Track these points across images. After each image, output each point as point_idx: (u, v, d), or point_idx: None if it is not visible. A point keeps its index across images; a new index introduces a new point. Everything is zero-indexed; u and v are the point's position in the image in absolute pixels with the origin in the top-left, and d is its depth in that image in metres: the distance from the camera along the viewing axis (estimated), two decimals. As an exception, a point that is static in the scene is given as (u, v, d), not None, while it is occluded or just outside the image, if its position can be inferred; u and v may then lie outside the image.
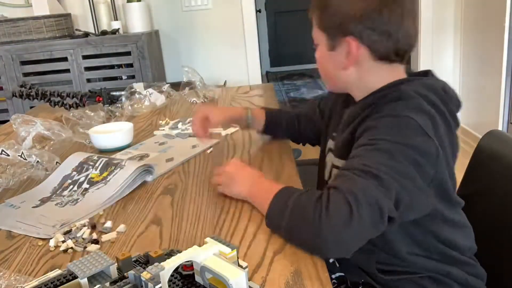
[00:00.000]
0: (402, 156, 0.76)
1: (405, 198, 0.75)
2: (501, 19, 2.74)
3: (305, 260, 0.71)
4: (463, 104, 0.91)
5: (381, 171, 0.74)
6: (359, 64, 0.89)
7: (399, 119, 0.80)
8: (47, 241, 0.83)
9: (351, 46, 0.87)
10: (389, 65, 0.90)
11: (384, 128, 0.81)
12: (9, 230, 0.89)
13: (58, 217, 0.92)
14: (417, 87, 0.86)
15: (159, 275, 0.56)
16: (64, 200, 1.00)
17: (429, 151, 0.78)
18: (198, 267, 0.60)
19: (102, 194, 0.99)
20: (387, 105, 0.84)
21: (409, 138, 0.78)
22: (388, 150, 0.77)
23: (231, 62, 3.39)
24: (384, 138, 0.78)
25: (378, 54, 0.88)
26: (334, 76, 0.95)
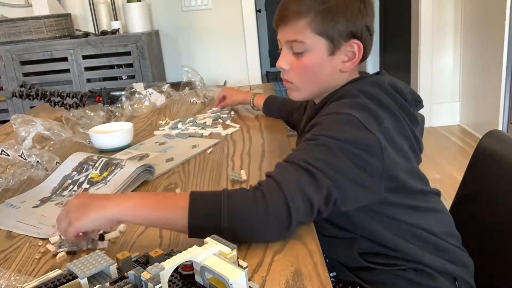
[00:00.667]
0: (341, 151, 0.78)
1: (336, 193, 0.77)
2: (501, 19, 2.74)
3: (305, 260, 0.71)
4: (463, 104, 0.92)
5: (316, 167, 0.76)
6: None
7: (340, 116, 0.83)
8: (47, 241, 0.83)
9: (355, 48, 0.89)
10: (359, 66, 0.95)
11: (326, 124, 0.83)
12: (9, 230, 0.89)
13: None
14: (362, 85, 0.89)
15: (159, 275, 0.56)
16: (64, 200, 1.00)
17: (370, 145, 0.80)
18: (198, 267, 0.60)
19: None
20: (332, 104, 0.88)
21: (348, 133, 0.80)
22: (327, 145, 0.79)
23: (231, 62, 3.39)
24: (325, 134, 0.81)
25: (365, 54, 0.92)
26: (324, 81, 0.94)
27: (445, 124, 3.53)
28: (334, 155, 0.78)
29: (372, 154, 0.80)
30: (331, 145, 0.79)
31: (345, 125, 0.81)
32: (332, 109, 0.86)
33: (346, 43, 0.90)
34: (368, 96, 0.86)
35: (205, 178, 1.07)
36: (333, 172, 0.77)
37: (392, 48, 4.33)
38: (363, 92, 0.87)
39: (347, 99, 0.87)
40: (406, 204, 0.91)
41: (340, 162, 0.78)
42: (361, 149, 0.79)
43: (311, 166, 0.77)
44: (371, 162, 0.80)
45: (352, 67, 0.92)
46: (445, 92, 3.52)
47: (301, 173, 0.76)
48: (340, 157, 0.78)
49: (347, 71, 0.92)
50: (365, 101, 0.85)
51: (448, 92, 3.51)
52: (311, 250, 0.74)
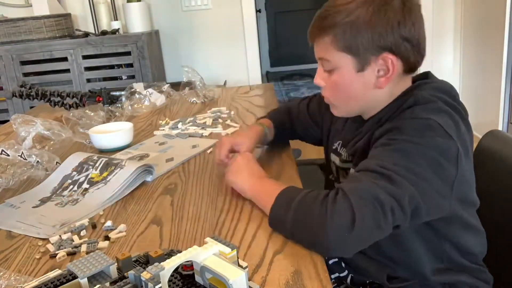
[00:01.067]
0: (421, 157, 0.75)
1: (419, 200, 0.74)
2: (501, 19, 2.74)
3: (305, 260, 0.71)
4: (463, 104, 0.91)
5: (395, 172, 0.73)
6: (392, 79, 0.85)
7: (419, 121, 0.78)
8: (47, 241, 0.83)
9: (388, 63, 0.83)
10: (409, 76, 0.88)
11: (403, 129, 0.79)
12: (9, 230, 0.89)
13: (58, 217, 0.92)
14: (430, 91, 0.84)
15: (159, 275, 0.56)
16: (64, 200, 1.00)
17: (450, 151, 0.77)
18: (198, 267, 0.60)
19: (102, 194, 0.99)
20: (405, 111, 0.82)
21: (429, 138, 0.76)
22: (406, 150, 0.75)
23: (231, 62, 3.39)
24: (403, 138, 0.77)
25: (408, 66, 0.85)
26: (360, 98, 0.88)
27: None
28: (413, 160, 0.74)
29: (449, 160, 0.77)
30: (410, 149, 0.75)
31: (425, 130, 0.77)
32: (408, 115, 0.81)
33: (376, 57, 0.83)
34: (443, 101, 0.82)
35: (205, 178, 1.07)
36: (414, 177, 0.73)
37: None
38: (438, 97, 0.82)
39: (423, 105, 0.81)
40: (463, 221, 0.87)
41: (420, 167, 0.74)
42: (440, 154, 0.75)
43: (388, 170, 0.73)
44: (447, 168, 0.77)
45: (387, 82, 0.84)
46: (445, 92, 3.51)
47: (376, 178, 0.73)
48: (420, 162, 0.74)
49: (383, 87, 0.85)
50: (443, 106, 0.81)
51: (448, 92, 3.51)
52: (311, 250, 0.74)
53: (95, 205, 0.96)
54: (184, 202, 0.95)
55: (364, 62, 0.83)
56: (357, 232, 0.70)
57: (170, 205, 0.95)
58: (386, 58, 0.83)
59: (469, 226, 0.90)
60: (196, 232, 0.83)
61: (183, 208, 0.93)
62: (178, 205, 0.95)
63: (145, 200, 0.98)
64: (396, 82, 0.87)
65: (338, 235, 0.70)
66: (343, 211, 0.70)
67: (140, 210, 0.94)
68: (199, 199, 0.96)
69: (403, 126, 0.79)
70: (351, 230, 0.69)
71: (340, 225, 0.70)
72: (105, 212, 0.94)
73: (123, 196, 1.00)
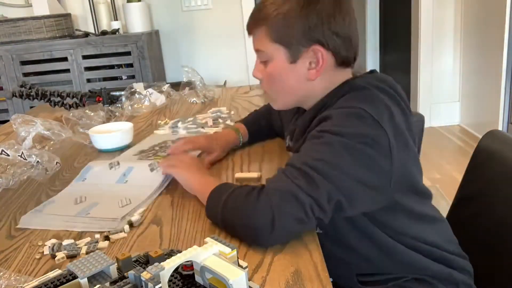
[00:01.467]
0: (345, 149, 0.76)
1: (339, 195, 0.75)
2: (501, 19, 2.74)
3: (305, 260, 0.71)
4: (463, 104, 0.91)
5: (316, 169, 0.74)
6: (323, 72, 0.87)
7: (349, 110, 0.79)
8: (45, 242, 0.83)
9: (318, 55, 0.85)
10: (344, 70, 0.90)
11: (333, 119, 0.80)
12: (45, 229, 0.88)
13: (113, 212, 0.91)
14: (368, 79, 0.86)
15: (159, 275, 0.56)
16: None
17: (380, 142, 0.77)
18: (198, 267, 0.60)
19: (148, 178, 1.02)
20: (339, 99, 0.84)
21: (355, 128, 0.77)
22: (332, 144, 0.76)
23: (231, 62, 3.39)
24: (330, 130, 0.78)
25: (339, 60, 0.87)
26: (294, 90, 0.90)
27: (445, 124, 3.53)
28: (339, 154, 0.75)
29: (379, 151, 0.76)
30: (335, 143, 0.76)
31: (353, 119, 0.77)
32: (342, 103, 0.82)
33: (307, 49, 0.85)
34: (379, 89, 0.83)
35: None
36: (335, 173, 0.74)
37: (392, 48, 4.33)
38: (374, 86, 0.83)
39: (356, 92, 0.83)
40: (410, 211, 0.88)
41: (343, 161, 0.75)
42: (367, 145, 0.76)
43: (310, 168, 0.74)
44: (378, 159, 0.77)
45: (318, 74, 0.87)
46: (445, 92, 3.52)
47: (298, 177, 0.75)
48: (343, 156, 0.75)
49: (313, 79, 0.87)
50: (376, 93, 0.82)
51: (448, 92, 3.51)
52: (311, 250, 0.74)
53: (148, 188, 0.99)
54: (184, 202, 0.95)
55: (296, 54, 0.86)
56: (277, 231, 0.73)
57: (170, 205, 0.95)
58: (316, 50, 0.84)
59: (420, 216, 0.90)
60: (196, 232, 0.83)
61: (183, 208, 0.93)
62: (178, 205, 0.94)
63: (145, 200, 0.98)
64: (331, 75, 0.88)
65: (260, 234, 0.73)
66: (264, 211, 0.73)
67: (140, 210, 0.94)
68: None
69: (333, 116, 0.80)
70: (272, 229, 0.72)
71: (261, 225, 0.73)
72: (105, 212, 0.94)
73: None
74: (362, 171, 0.76)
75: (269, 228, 0.72)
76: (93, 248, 0.79)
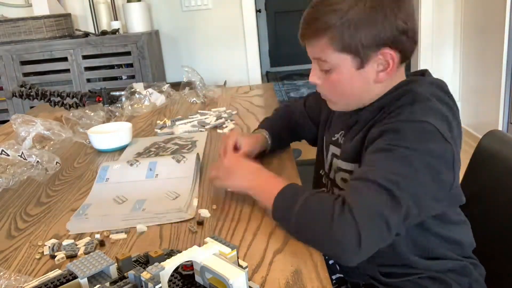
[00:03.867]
0: (420, 163, 0.75)
1: (415, 210, 0.75)
2: (501, 19, 2.74)
3: (305, 260, 0.71)
4: (463, 104, 0.92)
5: (397, 184, 0.73)
6: None
7: (418, 124, 0.78)
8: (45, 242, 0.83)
9: (387, 57, 0.83)
10: (402, 66, 0.89)
11: (401, 133, 0.78)
12: (75, 232, 0.89)
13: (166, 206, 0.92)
14: (428, 87, 0.85)
15: (159, 275, 0.56)
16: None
17: (446, 156, 0.78)
18: (198, 267, 0.60)
19: None
20: (403, 108, 0.82)
21: (427, 145, 0.76)
22: (406, 158, 0.75)
23: (231, 62, 3.39)
24: (402, 144, 0.76)
25: (405, 56, 0.85)
26: (361, 93, 0.88)
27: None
28: (413, 169, 0.75)
29: (446, 165, 0.78)
30: (409, 157, 0.75)
31: (423, 135, 0.77)
32: (407, 115, 0.80)
33: (376, 53, 0.82)
34: (440, 100, 0.82)
35: (204, 177, 1.07)
36: (413, 187, 0.74)
37: (392, 48, 4.32)
38: (435, 96, 0.82)
39: (421, 103, 0.81)
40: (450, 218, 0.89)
41: (419, 175, 0.75)
42: (437, 160, 0.76)
43: (391, 183, 0.73)
44: (444, 173, 0.77)
45: (387, 77, 0.85)
46: (445, 92, 3.51)
47: (380, 193, 0.72)
48: (418, 170, 0.75)
49: (383, 81, 0.85)
50: (438, 106, 0.81)
51: (448, 92, 3.51)
52: (311, 250, 0.74)
53: None
54: (184, 202, 0.95)
55: (364, 59, 0.83)
56: (364, 249, 0.71)
57: (170, 205, 0.95)
58: (385, 53, 0.82)
59: (456, 221, 0.92)
60: (196, 232, 0.83)
61: (183, 208, 0.93)
62: (178, 205, 0.94)
63: (145, 200, 0.98)
64: (393, 74, 0.87)
65: (347, 250, 0.71)
66: (350, 229, 0.70)
67: (140, 210, 0.94)
68: (199, 198, 0.96)
69: (401, 129, 0.78)
70: (359, 248, 0.70)
71: (348, 241, 0.70)
72: (105, 212, 0.94)
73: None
74: (434, 186, 0.77)
75: (356, 247, 0.70)
76: (91, 249, 0.79)
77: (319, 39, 0.83)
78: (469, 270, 0.92)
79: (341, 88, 0.88)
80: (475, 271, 0.94)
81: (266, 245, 0.76)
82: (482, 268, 0.96)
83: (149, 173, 1.06)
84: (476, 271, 0.94)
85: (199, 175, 1.08)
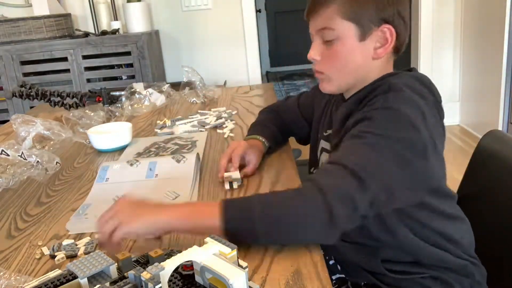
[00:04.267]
0: (389, 151, 0.77)
1: (383, 195, 0.76)
2: (501, 19, 2.74)
3: (305, 260, 0.71)
4: (463, 104, 0.92)
5: (366, 170, 0.75)
6: (386, 54, 0.90)
7: (389, 112, 0.81)
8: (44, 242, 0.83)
9: (387, 34, 0.88)
10: (392, 59, 0.93)
11: (374, 121, 0.81)
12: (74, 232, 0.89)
13: None
14: (405, 79, 0.88)
15: (159, 275, 0.56)
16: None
17: (418, 146, 0.79)
18: (198, 267, 0.60)
19: None
20: (377, 98, 0.85)
21: (398, 133, 0.79)
22: (375, 145, 0.78)
23: (231, 62, 3.39)
24: (374, 131, 0.79)
25: (398, 44, 0.91)
26: (357, 68, 0.91)
27: (445, 124, 3.52)
28: (382, 155, 0.77)
29: (418, 155, 0.79)
30: (379, 144, 0.78)
31: (395, 123, 0.80)
32: (381, 103, 0.83)
33: (377, 28, 0.87)
34: (415, 91, 0.85)
35: (205, 177, 1.07)
36: (380, 173, 0.76)
37: (392, 48, 4.32)
38: (410, 87, 0.85)
39: (395, 92, 0.84)
40: (434, 208, 0.90)
41: (388, 162, 0.77)
42: (407, 148, 0.78)
43: (359, 168, 0.75)
44: (415, 162, 0.79)
45: (384, 53, 0.89)
46: (445, 92, 3.51)
47: (348, 176, 0.75)
48: (388, 157, 0.77)
49: (380, 57, 0.90)
50: (412, 96, 0.83)
51: (448, 92, 3.50)
52: (311, 250, 0.74)
53: None
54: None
55: (366, 32, 0.87)
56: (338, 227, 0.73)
57: (170, 205, 0.95)
58: (385, 29, 0.87)
59: (442, 214, 0.92)
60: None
61: (183, 208, 0.93)
62: (178, 205, 0.94)
63: (145, 200, 0.98)
64: (386, 61, 0.92)
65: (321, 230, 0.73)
66: (320, 207, 0.72)
67: (140, 210, 0.93)
68: (199, 198, 0.96)
69: (373, 117, 0.82)
70: (332, 225, 0.72)
71: (321, 222, 0.72)
72: (105, 212, 0.94)
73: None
74: (404, 174, 0.78)
75: (330, 224, 0.72)
76: (91, 249, 0.79)
77: (328, 7, 0.88)
78: (470, 270, 0.93)
79: (340, 60, 0.91)
80: (476, 272, 0.94)
81: (266, 245, 0.76)
82: (483, 269, 0.96)
83: (149, 173, 1.06)
84: (477, 271, 0.94)
85: (199, 175, 1.08)
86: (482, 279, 0.95)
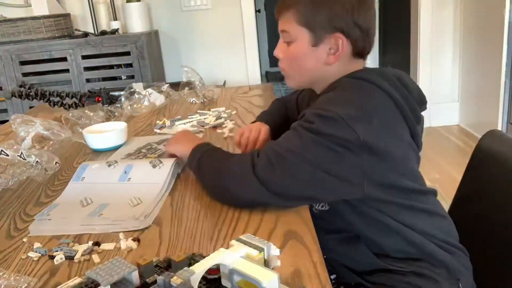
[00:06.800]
0: (314, 144, 0.82)
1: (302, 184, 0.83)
2: (501, 19, 2.74)
3: (305, 260, 0.71)
4: (462, 104, 0.92)
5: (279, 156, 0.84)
6: (340, 60, 0.94)
7: (324, 112, 0.84)
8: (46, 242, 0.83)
9: (339, 42, 0.91)
10: (357, 60, 0.96)
11: (309, 116, 0.86)
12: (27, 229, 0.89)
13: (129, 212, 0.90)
14: (361, 73, 0.92)
15: (189, 280, 0.54)
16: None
17: (348, 140, 0.81)
18: (227, 270, 0.58)
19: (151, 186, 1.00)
20: (324, 96, 0.91)
21: (326, 129, 0.82)
22: (302, 136, 0.84)
23: (231, 62, 3.39)
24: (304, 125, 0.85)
25: (356, 50, 0.94)
26: (311, 71, 0.97)
27: (444, 124, 3.53)
28: (305, 147, 0.82)
29: (349, 149, 0.81)
30: (306, 137, 0.83)
31: (326, 121, 0.83)
32: (321, 104, 0.88)
33: (330, 35, 0.91)
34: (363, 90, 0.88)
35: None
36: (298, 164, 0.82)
37: (391, 48, 4.33)
38: (360, 79, 0.89)
39: (338, 92, 0.90)
40: (400, 203, 0.91)
41: (310, 154, 0.82)
42: (336, 144, 0.81)
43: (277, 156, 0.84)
44: (348, 156, 0.81)
45: (336, 60, 0.93)
46: (444, 92, 3.52)
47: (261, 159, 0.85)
48: (311, 150, 0.82)
49: (331, 63, 0.94)
50: (354, 96, 0.87)
51: (448, 92, 3.51)
52: (311, 250, 0.74)
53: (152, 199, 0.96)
54: (184, 202, 0.95)
55: (319, 39, 0.92)
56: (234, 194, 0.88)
57: (169, 205, 0.95)
58: (337, 38, 0.91)
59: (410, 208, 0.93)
60: (196, 232, 0.83)
61: (182, 208, 0.93)
62: (178, 205, 0.94)
63: (145, 200, 0.98)
64: (345, 63, 0.95)
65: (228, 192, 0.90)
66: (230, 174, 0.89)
67: (139, 210, 0.93)
68: (199, 199, 0.96)
69: (311, 114, 0.86)
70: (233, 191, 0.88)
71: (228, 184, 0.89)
72: (105, 212, 0.93)
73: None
74: (329, 164, 0.82)
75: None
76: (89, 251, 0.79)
77: (287, 12, 0.94)
78: (448, 261, 0.93)
79: (296, 62, 0.97)
80: (456, 262, 0.94)
81: (265, 245, 0.76)
82: (467, 262, 0.97)
83: (123, 176, 1.04)
84: (456, 262, 0.94)
85: (173, 182, 1.04)
86: (466, 271, 0.96)
